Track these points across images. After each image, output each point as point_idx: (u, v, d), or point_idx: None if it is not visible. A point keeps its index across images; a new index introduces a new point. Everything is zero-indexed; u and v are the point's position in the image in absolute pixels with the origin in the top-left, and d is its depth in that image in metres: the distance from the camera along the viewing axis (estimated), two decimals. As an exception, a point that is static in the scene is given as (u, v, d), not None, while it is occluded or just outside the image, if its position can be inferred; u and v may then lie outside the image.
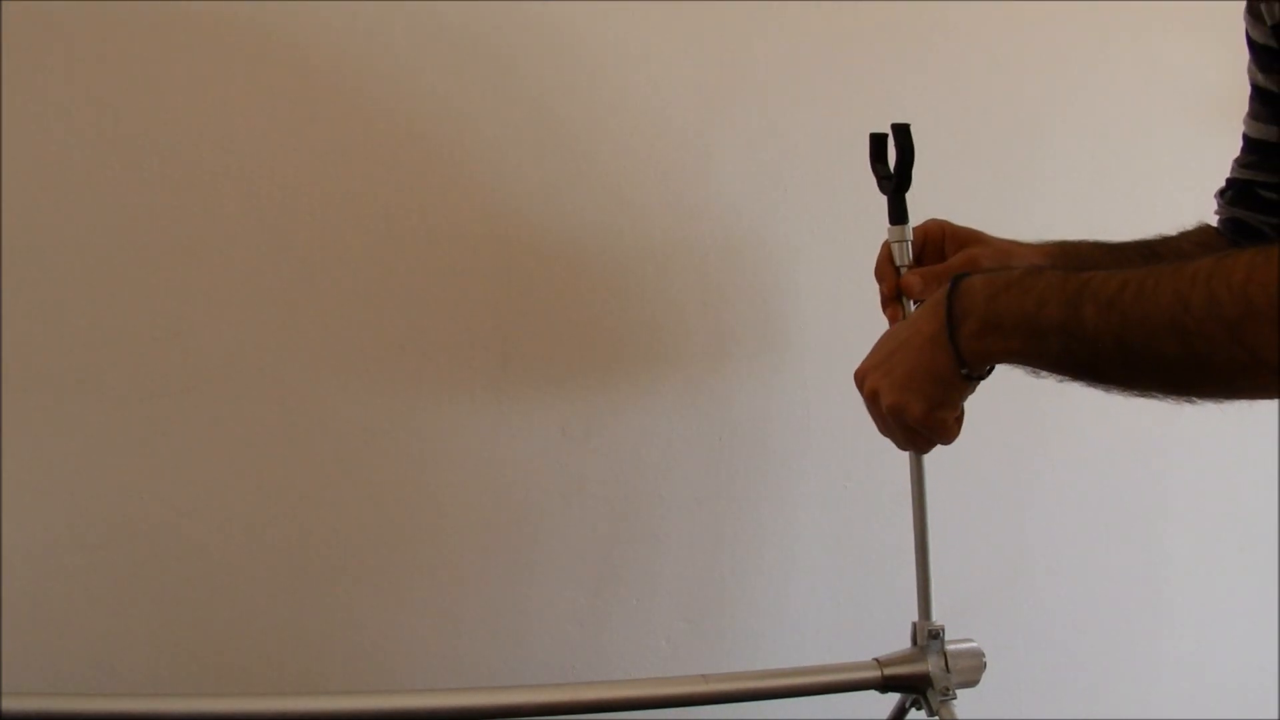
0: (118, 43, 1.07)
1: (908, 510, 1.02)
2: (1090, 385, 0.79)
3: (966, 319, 0.81)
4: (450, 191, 1.18)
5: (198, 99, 1.10)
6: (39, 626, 1.06)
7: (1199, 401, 0.75)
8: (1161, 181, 1.44)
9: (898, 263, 1.01)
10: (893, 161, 1.03)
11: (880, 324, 1.04)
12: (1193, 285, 0.68)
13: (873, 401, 0.89)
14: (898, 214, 1.02)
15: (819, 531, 1.33)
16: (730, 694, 0.96)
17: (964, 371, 0.83)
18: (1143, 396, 0.77)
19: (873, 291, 1.04)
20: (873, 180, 1.04)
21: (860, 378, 0.91)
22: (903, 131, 1.01)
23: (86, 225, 1.07)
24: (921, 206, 1.03)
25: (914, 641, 1.00)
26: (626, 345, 1.25)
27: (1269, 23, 0.92)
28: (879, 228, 1.03)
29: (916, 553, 1.01)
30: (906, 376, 0.86)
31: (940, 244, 1.03)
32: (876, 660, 0.99)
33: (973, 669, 0.99)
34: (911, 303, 1.01)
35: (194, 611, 1.11)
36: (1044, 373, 0.81)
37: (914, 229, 1.02)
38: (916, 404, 0.86)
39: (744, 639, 1.30)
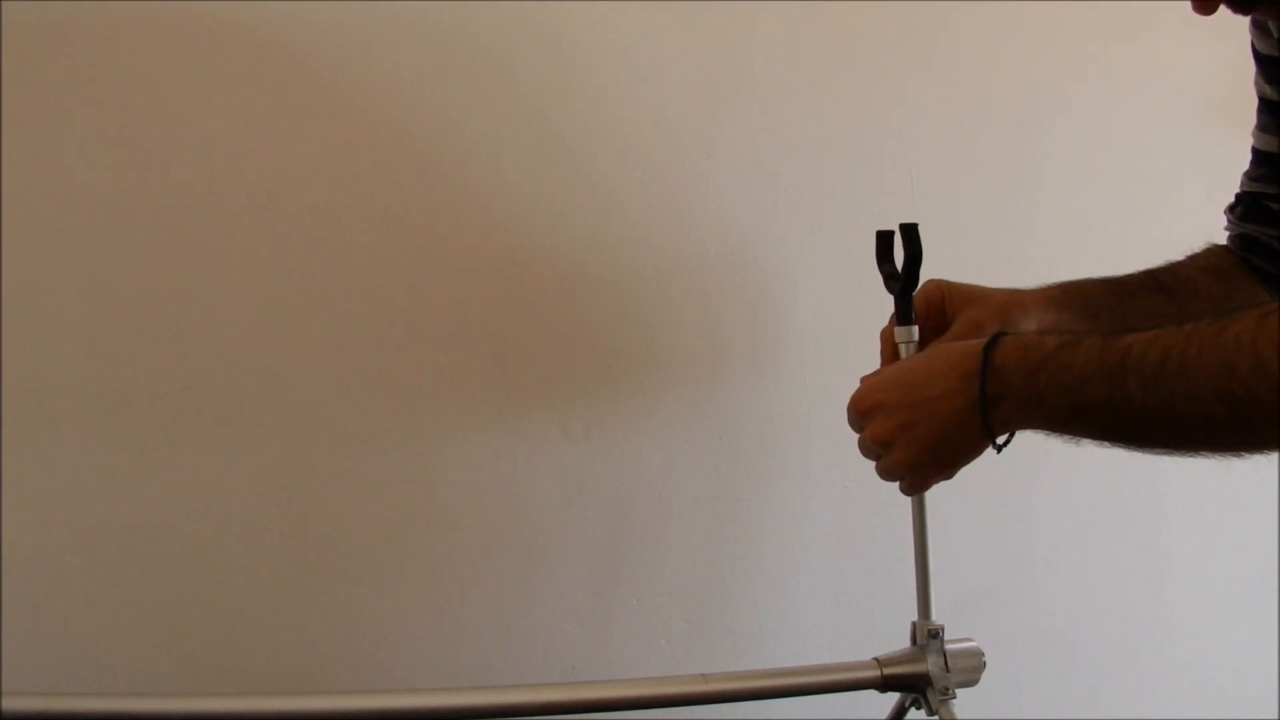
0: (118, 44, 1.07)
1: (907, 510, 1.02)
2: (1132, 450, 0.78)
3: (1002, 399, 0.80)
4: (449, 192, 1.18)
5: (197, 101, 1.10)
6: (39, 626, 1.06)
7: (1247, 457, 0.74)
8: (1161, 182, 1.44)
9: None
10: (899, 260, 0.99)
11: (880, 325, 1.04)
12: (1238, 351, 0.68)
13: (882, 446, 0.87)
14: (904, 314, 0.98)
15: (819, 531, 1.33)
16: (730, 693, 0.96)
17: (994, 444, 0.83)
18: (1186, 457, 0.77)
19: (872, 292, 1.04)
20: (872, 182, 1.03)
21: (864, 409, 0.88)
22: (910, 232, 0.98)
23: (86, 226, 1.07)
24: (922, 206, 1.03)
25: (913, 641, 1.00)
26: (627, 345, 1.25)
27: (1276, 35, 0.92)
28: (878, 229, 1.03)
29: (916, 552, 1.01)
30: (931, 446, 0.85)
31: (940, 306, 1.00)
32: (876, 660, 0.99)
33: (972, 668, 0.99)
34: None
35: (194, 611, 1.11)
36: (1085, 441, 0.80)
37: (914, 295, 0.99)
38: (933, 472, 0.87)
39: (744, 638, 1.30)
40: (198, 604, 1.11)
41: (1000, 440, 0.83)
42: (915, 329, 0.98)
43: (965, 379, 0.82)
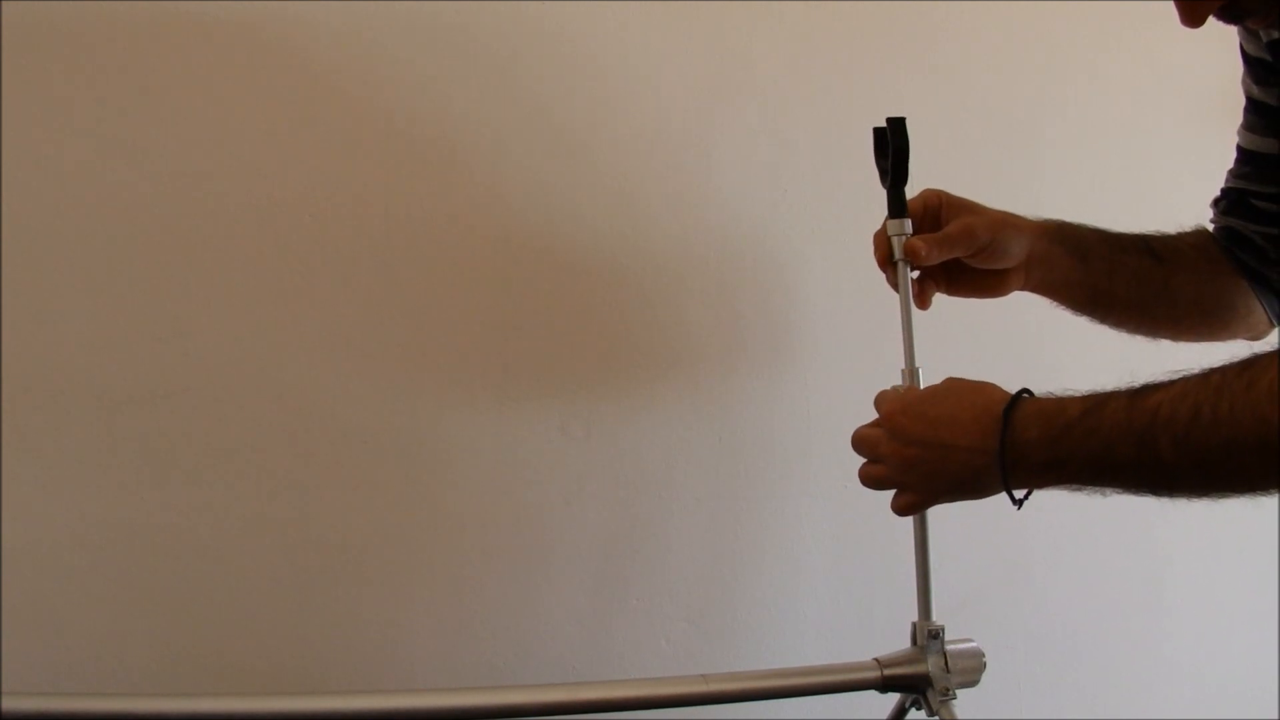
0: (118, 43, 1.07)
1: (908, 510, 1.02)
2: (1158, 498, 0.80)
3: (1022, 463, 0.82)
4: (450, 191, 1.18)
5: (197, 99, 1.10)
6: (39, 626, 1.06)
7: (1276, 494, 0.76)
8: (1160, 181, 1.44)
9: (897, 257, 1.00)
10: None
11: (881, 324, 1.04)
12: (1270, 401, 0.70)
13: (898, 469, 0.89)
14: (896, 208, 1.01)
15: (820, 531, 1.33)
16: (730, 694, 0.96)
17: (1013, 499, 0.85)
18: (1213, 500, 0.79)
19: (874, 291, 1.04)
20: (872, 179, 1.04)
21: (891, 427, 0.90)
22: (897, 125, 1.01)
23: (86, 225, 1.07)
24: (921, 206, 1.03)
25: (914, 641, 1.00)
26: (627, 345, 1.25)
27: (1264, 38, 0.93)
28: (879, 226, 1.03)
29: (916, 553, 1.01)
30: (945, 485, 0.88)
31: (937, 211, 1.03)
32: (877, 660, 0.99)
33: (973, 669, 0.99)
34: (912, 271, 1.01)
35: (194, 611, 1.11)
36: (1110, 493, 0.82)
37: (913, 199, 1.02)
38: (938, 500, 0.90)
39: (744, 639, 1.30)
40: (198, 604, 1.11)
41: (1019, 495, 0.85)
42: (908, 222, 1.00)
43: (985, 438, 0.83)
